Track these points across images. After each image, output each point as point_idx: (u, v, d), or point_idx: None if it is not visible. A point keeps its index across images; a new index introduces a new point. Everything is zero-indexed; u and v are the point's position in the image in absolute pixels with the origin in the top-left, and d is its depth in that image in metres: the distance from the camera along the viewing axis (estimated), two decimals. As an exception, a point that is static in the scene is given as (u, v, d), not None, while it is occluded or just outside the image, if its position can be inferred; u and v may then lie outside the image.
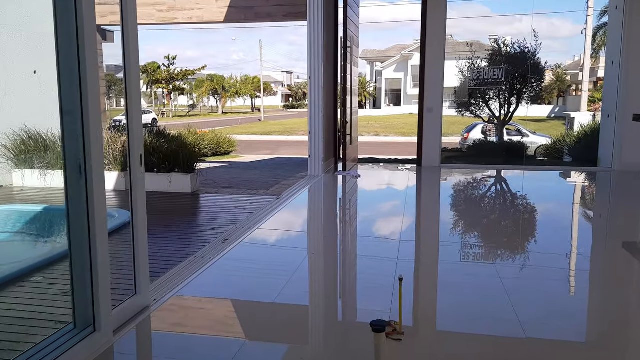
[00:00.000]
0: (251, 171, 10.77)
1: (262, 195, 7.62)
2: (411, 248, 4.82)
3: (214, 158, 14.95)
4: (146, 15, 9.54)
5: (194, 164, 8.06)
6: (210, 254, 4.60)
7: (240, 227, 5.42)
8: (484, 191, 8.11)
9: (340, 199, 7.53)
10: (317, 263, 4.43)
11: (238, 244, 4.88)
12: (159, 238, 5.31)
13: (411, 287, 3.71)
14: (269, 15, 8.94)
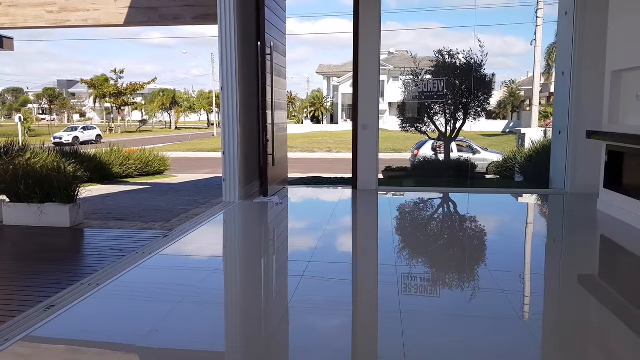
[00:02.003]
0: (166, 196, 9.39)
1: (155, 229, 6.28)
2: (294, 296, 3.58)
3: (139, 179, 13.45)
4: (34, 17, 8.13)
5: (75, 191, 6.63)
6: (19, 326, 3.24)
7: (75, 289, 4.03)
8: (419, 220, 7.01)
9: (239, 236, 6.25)
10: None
11: (61, 313, 3.51)
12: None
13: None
14: (176, 18, 7.70)
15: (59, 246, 5.79)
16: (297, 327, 3.33)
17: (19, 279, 4.61)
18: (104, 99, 48.01)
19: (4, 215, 6.60)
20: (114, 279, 4.19)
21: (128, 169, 13.66)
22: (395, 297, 3.68)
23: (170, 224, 6.57)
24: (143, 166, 14.26)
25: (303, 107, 58.77)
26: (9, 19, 8.09)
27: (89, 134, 36.76)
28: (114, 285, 4.06)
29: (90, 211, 7.51)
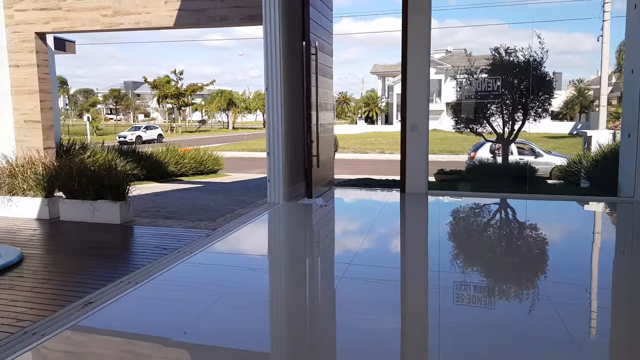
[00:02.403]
0: (215, 195, 9.52)
1: (200, 228, 6.34)
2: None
3: (193, 178, 13.79)
4: (91, 21, 8.46)
5: (125, 189, 6.82)
6: (57, 320, 3.31)
7: (114, 286, 4.10)
8: (472, 226, 6.66)
9: (281, 237, 6.18)
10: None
11: (100, 308, 3.57)
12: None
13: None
14: (223, 19, 7.75)
15: (107, 242, 5.96)
16: (343, 327, 3.24)
17: (68, 273, 4.76)
18: (165, 100, 49.92)
19: (61, 211, 6.90)
20: (153, 277, 4.22)
21: (183, 167, 14.04)
22: (445, 306, 3.47)
23: (215, 223, 6.62)
24: (197, 165, 14.61)
25: (357, 107, 58.54)
26: (68, 23, 8.49)
27: (151, 134, 38.33)
28: (152, 283, 4.09)
29: (141, 209, 7.72)
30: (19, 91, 8.89)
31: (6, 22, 8.80)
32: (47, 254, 5.33)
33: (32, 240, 5.86)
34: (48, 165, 7.01)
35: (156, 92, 50.55)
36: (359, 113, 56.22)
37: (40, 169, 6.94)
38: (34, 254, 5.28)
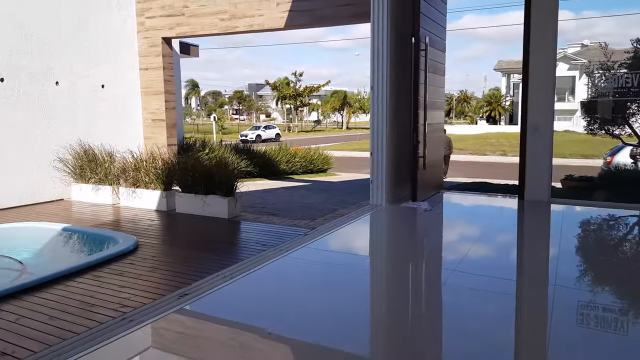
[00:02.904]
0: (321, 194, 9.54)
1: (300, 227, 6.33)
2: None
3: (303, 176, 14.05)
4: (210, 25, 8.94)
5: (234, 186, 7.05)
6: (156, 309, 3.45)
7: (211, 279, 4.18)
8: (604, 240, 5.80)
9: (379, 239, 5.90)
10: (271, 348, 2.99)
11: (196, 299, 3.66)
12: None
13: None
14: (332, 18, 7.69)
15: (214, 236, 6.21)
16: (449, 336, 3.03)
17: (175, 263, 5.00)
18: (284, 101, 51.98)
19: (177, 204, 7.36)
20: (249, 272, 4.26)
21: (293, 166, 14.38)
22: (566, 328, 3.02)
23: (314, 222, 6.58)
24: (307, 164, 14.87)
25: (478, 106, 55.75)
26: (190, 28, 9.07)
27: (269, 133, 40.15)
28: (249, 277, 4.13)
29: (248, 204, 7.97)
30: (147, 92, 9.72)
31: (138, 29, 9.66)
32: (159, 244, 5.67)
33: (148, 230, 6.30)
34: (166, 160, 7.52)
35: (276, 93, 52.86)
36: (480, 112, 53.52)
37: (160, 164, 7.47)
38: (147, 243, 5.65)
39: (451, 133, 28.71)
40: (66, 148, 8.20)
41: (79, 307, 3.75)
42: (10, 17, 7.50)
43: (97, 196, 8.04)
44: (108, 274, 4.57)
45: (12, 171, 7.58)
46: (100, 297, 3.96)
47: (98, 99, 8.95)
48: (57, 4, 8.17)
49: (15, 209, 7.53)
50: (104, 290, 4.13)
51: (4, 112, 7.42)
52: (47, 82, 8.04)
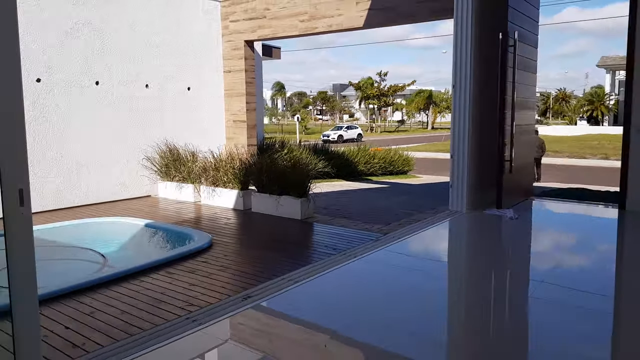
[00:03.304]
0: (398, 197, 9.24)
1: (372, 231, 6.13)
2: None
3: (382, 178, 13.77)
4: (290, 27, 8.98)
5: (307, 187, 7.00)
6: (220, 310, 3.45)
7: (275, 283, 4.12)
8: None
9: (455, 249, 5.51)
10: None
11: (259, 302, 3.63)
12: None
13: None
14: (412, 15, 7.37)
15: (285, 237, 6.19)
16: (536, 354, 2.81)
17: (245, 263, 5.02)
18: (367, 101, 51.69)
19: (252, 203, 7.46)
20: (314, 277, 4.16)
21: (372, 167, 14.14)
22: None
23: (388, 227, 6.34)
24: (386, 165, 14.56)
25: (578, 105, 51.82)
26: (271, 30, 9.17)
27: (351, 133, 40.09)
28: (314, 282, 4.04)
29: (322, 206, 7.90)
30: (230, 94, 10.00)
31: (222, 33, 9.96)
32: (232, 243, 5.75)
33: (224, 229, 6.43)
34: (243, 161, 7.65)
35: (359, 93, 52.73)
36: (580, 112, 49.70)
37: (237, 164, 7.62)
38: (221, 241, 5.75)
39: (545, 134, 26.85)
40: (153, 147, 8.64)
41: (148, 303, 3.85)
42: (90, 24, 8.03)
43: (181, 194, 8.39)
44: (181, 271, 4.68)
45: (106, 168, 8.12)
46: (169, 294, 4.05)
47: (184, 101, 9.35)
48: (149, 11, 8.63)
49: (109, 204, 8.05)
50: (174, 287, 4.22)
51: (98, 113, 7.96)
52: (137, 85, 8.52)
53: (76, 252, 5.38)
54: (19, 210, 2.28)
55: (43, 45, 7.19)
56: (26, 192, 2.29)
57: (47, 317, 3.57)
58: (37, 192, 7.22)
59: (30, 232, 2.34)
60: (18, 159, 2.28)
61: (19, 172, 2.28)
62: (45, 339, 3.23)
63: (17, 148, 2.28)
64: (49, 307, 3.76)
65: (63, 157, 7.53)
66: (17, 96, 2.29)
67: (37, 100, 7.18)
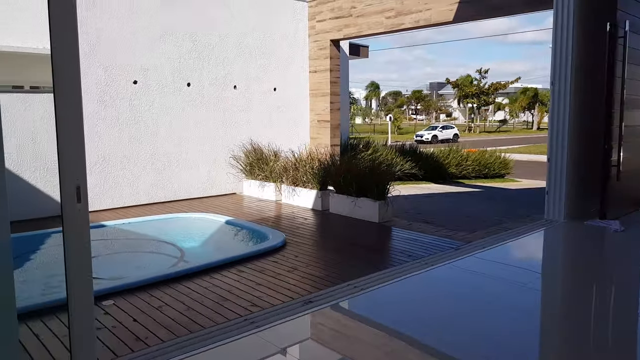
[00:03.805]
0: (489, 203, 8.65)
1: (454, 239, 5.75)
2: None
3: (474, 181, 13.05)
4: (375, 24, 8.75)
5: (386, 189, 6.76)
6: (280, 313, 3.39)
7: (340, 289, 3.96)
8: None
9: (550, 264, 4.93)
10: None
11: (320, 309, 3.51)
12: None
13: None
14: (505, 7, 6.78)
15: (359, 240, 6.01)
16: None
17: (313, 265, 4.92)
18: (466, 99, 49.62)
19: (330, 204, 7.37)
20: (381, 285, 3.96)
21: (464, 169, 13.45)
22: None
23: (473, 235, 5.90)
24: (480, 168, 13.78)
25: None
26: (357, 29, 9.01)
27: (447, 133, 38.70)
28: (378, 292, 3.84)
29: (404, 209, 7.61)
30: (315, 94, 10.01)
31: (309, 33, 10.00)
32: (305, 243, 5.68)
33: (299, 228, 6.41)
34: (322, 161, 7.58)
35: (457, 92, 50.81)
36: None
37: (317, 164, 7.57)
38: (295, 241, 5.72)
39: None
40: (239, 146, 8.89)
41: (214, 301, 3.89)
42: (182, 28, 8.39)
43: (263, 192, 8.54)
44: (251, 269, 4.70)
45: (195, 166, 8.50)
46: (235, 293, 4.06)
47: (270, 101, 9.52)
48: (240, 15, 8.90)
49: (196, 200, 8.42)
50: (241, 285, 4.23)
51: (189, 113, 8.35)
52: (226, 86, 8.82)
53: (159, 245, 5.65)
54: (76, 207, 2.36)
55: (139, 48, 7.67)
56: (83, 189, 2.36)
57: (119, 309, 3.73)
58: (133, 187, 7.74)
59: (87, 228, 2.41)
60: (76, 156, 2.35)
61: (76, 169, 2.35)
62: (113, 330, 3.37)
63: (75, 145, 2.35)
64: (124, 298, 3.93)
65: (155, 155, 7.99)
66: (76, 96, 2.35)
67: (133, 101, 7.68)
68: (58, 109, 2.30)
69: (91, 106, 7.14)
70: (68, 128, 2.32)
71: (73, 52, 2.33)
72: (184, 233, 6.32)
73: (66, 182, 2.33)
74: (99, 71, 7.25)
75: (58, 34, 2.29)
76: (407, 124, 59.44)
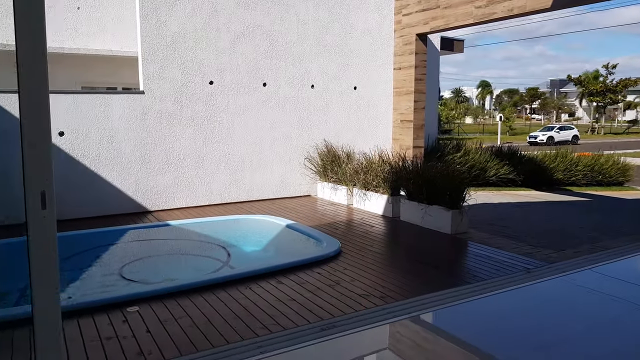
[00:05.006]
0: (590, 215, 7.44)
1: (536, 258, 4.92)
2: None
3: (584, 189, 11.50)
4: (464, 15, 7.95)
5: (461, 197, 6.04)
6: (291, 339, 3.04)
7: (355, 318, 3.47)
8: None
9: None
10: None
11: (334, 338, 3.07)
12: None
13: None
14: (616, -19, 5.70)
15: (423, 254, 5.39)
16: None
17: (363, 278, 4.46)
18: (589, 97, 44.89)
19: (401, 211, 6.81)
20: (430, 310, 3.43)
21: (574, 175, 11.92)
22: None
23: (559, 254, 5.02)
24: (594, 174, 12.13)
25: None
26: (444, 21, 8.25)
27: (565, 134, 35.23)
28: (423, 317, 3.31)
29: (487, 220, 6.80)
30: (398, 92, 9.42)
31: (395, 28, 9.43)
32: (360, 254, 5.22)
33: (362, 236, 5.95)
34: (392, 164, 7.03)
35: (580, 89, 46.16)
36: None
37: (387, 167, 7.04)
38: (352, 251, 5.29)
39: None
40: (315, 147, 8.63)
41: (237, 315, 3.62)
42: (260, 27, 8.27)
43: (335, 195, 8.19)
44: (291, 280, 4.38)
45: (269, 166, 8.40)
46: (260, 307, 3.76)
47: (350, 101, 9.14)
48: (320, 12, 8.64)
49: (268, 201, 8.30)
50: (272, 300, 3.93)
51: (264, 113, 8.26)
52: (303, 85, 8.61)
53: (207, 248, 5.54)
54: (40, 213, 2.20)
55: (216, 49, 7.73)
56: (49, 195, 2.20)
57: (139, 316, 3.60)
58: (206, 186, 7.83)
59: (53, 236, 2.24)
60: (42, 159, 2.19)
61: (42, 172, 2.19)
62: (122, 340, 3.24)
63: (41, 147, 2.19)
64: (150, 305, 3.80)
65: (230, 154, 8.01)
66: (43, 97, 2.18)
67: (209, 101, 7.75)
68: (23, 109, 2.15)
69: (169, 106, 7.33)
70: (33, 130, 2.17)
71: (40, 50, 2.17)
72: (241, 236, 6.20)
73: (32, 187, 2.18)
74: (175, 71, 7.41)
75: (24, 32, 2.14)
76: (523, 124, 55.31)
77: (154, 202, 7.31)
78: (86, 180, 6.79)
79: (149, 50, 7.18)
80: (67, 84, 9.20)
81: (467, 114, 57.64)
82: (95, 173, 6.85)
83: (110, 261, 5.08)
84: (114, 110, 6.95)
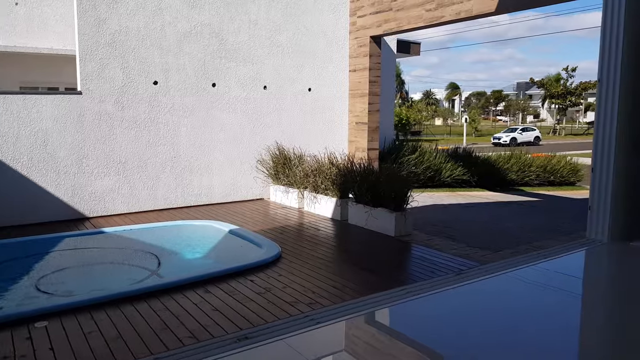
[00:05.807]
0: (535, 216, 7.52)
1: (473, 259, 4.90)
2: None
3: (536, 189, 11.70)
4: (415, 18, 7.95)
5: (404, 200, 5.99)
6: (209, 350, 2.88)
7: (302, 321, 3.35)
8: None
9: (580, 292, 3.93)
10: None
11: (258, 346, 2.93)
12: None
13: None
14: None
15: (363, 256, 5.31)
16: None
17: (301, 283, 4.34)
18: (551, 100, 46.11)
19: (349, 214, 6.73)
20: (366, 311, 3.34)
21: (527, 176, 12.11)
22: None
23: (494, 255, 5.02)
24: (546, 175, 12.36)
25: None
26: (396, 24, 8.23)
27: (527, 135, 36.03)
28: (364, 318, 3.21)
29: (432, 221, 6.79)
30: (353, 94, 9.36)
31: (350, 30, 9.37)
32: (300, 259, 5.10)
33: (306, 240, 5.83)
34: (339, 167, 6.95)
35: (543, 91, 47.36)
36: None
37: (335, 170, 6.95)
38: (292, 255, 5.17)
39: None
40: (267, 150, 8.48)
41: (153, 329, 3.45)
42: (208, 26, 8.09)
43: (287, 198, 8.06)
44: (220, 290, 4.22)
45: (218, 170, 8.20)
46: (181, 319, 3.60)
47: (304, 102, 9.03)
48: (273, 11, 8.49)
49: (217, 206, 8.07)
50: (194, 311, 3.77)
51: (213, 115, 8.06)
52: (255, 86, 8.45)
53: (137, 256, 5.31)
54: None
55: (161, 48, 7.49)
56: None
57: (45, 333, 3.38)
58: (150, 190, 7.57)
59: None
60: None
61: None
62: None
63: None
64: (61, 319, 3.58)
65: (176, 157, 7.78)
66: None
67: (153, 102, 7.51)
68: None
69: (109, 107, 7.06)
70: None
71: None
72: (176, 243, 5.98)
73: None
74: (116, 71, 7.14)
75: None
76: (489, 126, 56.38)
77: (92, 208, 7.02)
78: (17, 186, 6.46)
79: (87, 49, 6.90)
80: (5, 84, 8.79)
81: (434, 116, 58.44)
82: (28, 178, 6.52)
83: (28, 272, 4.79)
84: (47, 112, 6.63)
